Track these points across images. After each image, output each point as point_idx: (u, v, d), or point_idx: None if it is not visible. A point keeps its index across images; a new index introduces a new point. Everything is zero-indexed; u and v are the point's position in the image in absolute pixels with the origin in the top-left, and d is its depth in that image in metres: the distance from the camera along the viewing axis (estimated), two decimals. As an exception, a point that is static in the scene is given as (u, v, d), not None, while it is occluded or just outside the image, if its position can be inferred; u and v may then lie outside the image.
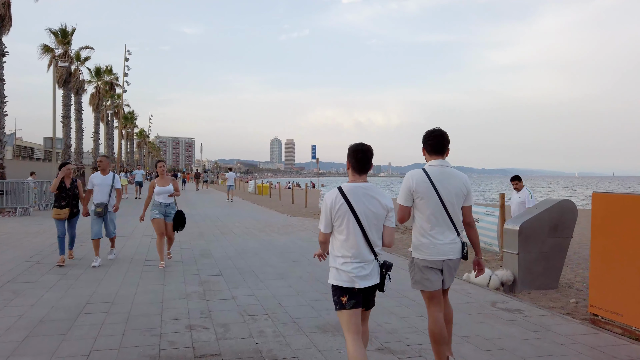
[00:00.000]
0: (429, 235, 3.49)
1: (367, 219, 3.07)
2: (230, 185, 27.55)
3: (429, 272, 3.50)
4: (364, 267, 3.06)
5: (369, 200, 3.10)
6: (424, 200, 3.48)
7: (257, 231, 12.81)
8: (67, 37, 27.89)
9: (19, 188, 15.89)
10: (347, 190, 3.11)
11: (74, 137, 33.13)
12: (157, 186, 7.85)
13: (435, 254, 3.48)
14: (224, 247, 10.02)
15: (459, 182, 3.56)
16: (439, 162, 3.57)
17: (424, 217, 3.50)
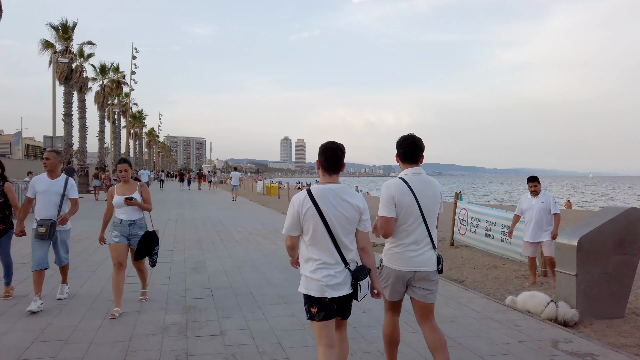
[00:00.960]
0: (403, 246, 3.36)
1: (337, 223, 2.90)
2: (234, 185, 27.29)
3: (394, 283, 3.41)
4: (335, 275, 2.88)
5: (339, 203, 2.92)
6: (404, 211, 3.33)
7: (260, 237, 11.58)
8: (68, 32, 26.90)
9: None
10: (316, 193, 2.92)
11: (78, 136, 32.27)
12: (116, 195, 5.41)
13: (407, 265, 3.35)
14: (221, 258, 8.79)
15: (435, 191, 3.45)
16: (414, 171, 3.41)
17: (400, 225, 3.35)
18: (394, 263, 3.39)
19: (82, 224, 13.54)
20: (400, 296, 3.47)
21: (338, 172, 3.00)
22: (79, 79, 31.58)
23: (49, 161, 5.59)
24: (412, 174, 3.41)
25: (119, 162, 5.60)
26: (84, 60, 32.10)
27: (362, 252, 3.03)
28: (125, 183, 5.53)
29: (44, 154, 5.73)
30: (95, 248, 9.48)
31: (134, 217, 5.52)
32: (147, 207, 5.63)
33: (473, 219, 10.32)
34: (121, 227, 5.48)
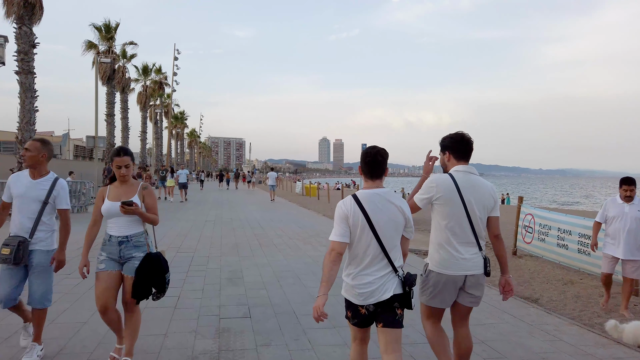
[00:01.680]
0: (449, 248, 3.21)
1: (385, 229, 2.82)
2: (272, 185, 27.60)
3: (445, 289, 3.23)
4: (375, 282, 2.80)
5: (387, 208, 2.84)
6: (446, 207, 3.21)
7: (301, 243, 10.76)
8: (111, 33, 27.09)
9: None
10: (363, 198, 2.86)
11: (120, 136, 32.61)
12: (107, 200, 3.86)
13: (456, 269, 3.19)
14: (259, 266, 8.00)
15: (485, 192, 3.27)
16: (465, 169, 3.29)
17: (445, 226, 3.22)
18: (443, 268, 3.22)
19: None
20: (449, 303, 3.30)
21: (381, 177, 2.92)
22: (122, 80, 31.89)
23: (30, 153, 3.92)
24: (462, 171, 3.28)
25: (116, 154, 3.80)
26: (126, 61, 32.41)
27: (406, 258, 3.02)
28: (123, 183, 3.89)
29: (26, 144, 4.04)
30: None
31: (129, 232, 3.78)
32: (152, 219, 3.90)
33: (542, 225, 9.13)
34: (110, 246, 3.78)
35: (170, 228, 12.89)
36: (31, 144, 4.00)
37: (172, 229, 12.79)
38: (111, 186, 3.95)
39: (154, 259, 3.82)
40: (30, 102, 15.50)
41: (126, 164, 3.83)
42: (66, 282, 6.65)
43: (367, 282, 2.80)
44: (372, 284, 2.80)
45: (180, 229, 12.87)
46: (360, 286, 2.81)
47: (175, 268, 7.66)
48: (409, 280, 2.83)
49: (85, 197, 17.59)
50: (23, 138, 15.44)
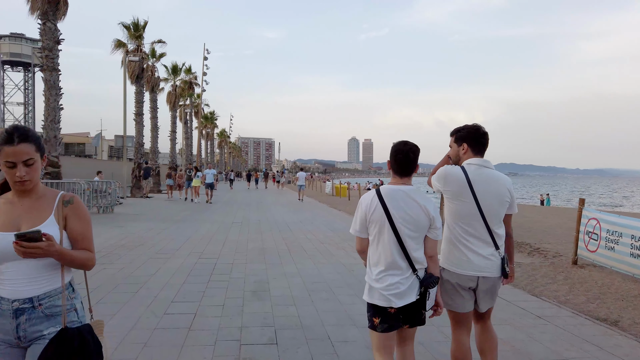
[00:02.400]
0: (461, 246, 3.00)
1: (405, 227, 2.68)
2: (300, 185, 27.76)
3: (459, 290, 3.01)
4: (401, 282, 2.67)
5: (409, 206, 2.70)
6: (457, 202, 3.01)
7: (333, 248, 9.87)
8: (139, 31, 26.87)
9: (70, 189, 14.26)
10: (385, 193, 2.73)
11: (149, 135, 32.44)
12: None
13: (468, 269, 2.98)
14: (288, 276, 7.15)
15: (501, 187, 3.06)
16: (479, 162, 3.06)
17: (457, 223, 3.02)
18: (454, 265, 3.05)
19: (138, 226, 12.57)
20: (465, 308, 3.06)
21: (410, 175, 2.80)
22: (151, 79, 31.74)
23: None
24: (475, 164, 3.07)
25: (5, 141, 2.00)
26: (155, 60, 32.24)
27: (430, 261, 2.80)
28: (23, 195, 2.12)
29: None
30: (145, 273, 8.21)
31: (37, 290, 2.05)
32: (82, 260, 2.14)
33: (610, 232, 7.95)
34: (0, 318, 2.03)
35: (195, 231, 12.22)
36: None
37: (197, 231, 12.11)
38: (2, 201, 2.14)
39: (70, 338, 2.04)
40: (55, 99, 15.15)
41: (25, 158, 2.03)
42: None
43: (395, 282, 2.68)
44: (402, 284, 2.68)
45: (206, 231, 12.18)
46: (388, 288, 2.68)
47: (196, 277, 6.89)
48: (427, 280, 2.71)
49: (111, 197, 17.19)
50: (48, 137, 15.12)
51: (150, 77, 31.23)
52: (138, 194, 26.42)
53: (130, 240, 10.29)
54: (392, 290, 2.66)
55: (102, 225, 12.90)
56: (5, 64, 75.75)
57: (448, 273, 3.05)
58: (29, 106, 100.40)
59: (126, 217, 15.45)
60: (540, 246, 11.31)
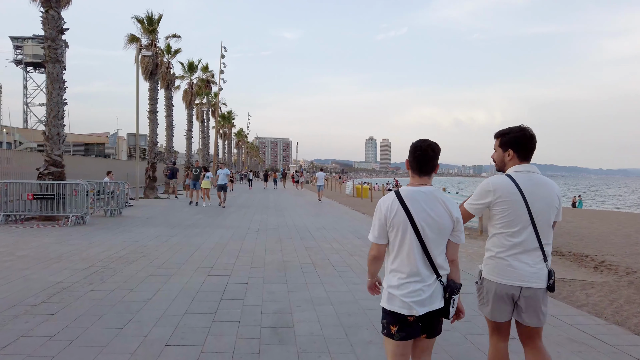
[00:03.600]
0: (506, 255, 2.89)
1: (429, 230, 2.57)
2: (320, 185, 27.43)
3: (499, 300, 2.91)
4: (423, 289, 2.56)
5: (432, 208, 2.58)
6: (505, 211, 2.89)
7: (364, 260, 8.39)
8: (153, 25, 25.71)
9: (72, 191, 13.06)
10: (406, 195, 2.62)
11: (164, 134, 31.40)
12: None
13: (512, 278, 2.87)
14: (315, 303, 5.72)
15: (551, 193, 2.94)
16: (526, 168, 2.96)
17: (503, 232, 2.91)
18: (496, 275, 2.92)
19: (144, 233, 11.28)
20: (506, 316, 2.95)
21: (430, 174, 2.65)
22: (166, 76, 30.67)
23: None
24: (522, 171, 2.95)
25: None
26: (171, 56, 31.14)
27: (452, 265, 2.68)
28: None
29: None
30: (149, 287, 6.88)
31: None
32: None
33: None
34: None
35: (206, 238, 10.89)
36: None
37: (209, 239, 10.78)
38: None
39: None
40: (58, 93, 13.97)
41: None
42: None
43: (417, 289, 2.56)
44: (423, 291, 2.55)
45: (218, 239, 10.83)
46: (410, 295, 2.55)
47: (201, 305, 5.51)
48: (450, 287, 2.60)
49: (120, 199, 16.01)
50: (50, 134, 13.96)
51: (165, 74, 30.14)
52: (152, 194, 25.34)
53: (132, 251, 9.00)
54: (414, 297, 2.55)
55: (106, 231, 11.67)
56: (29, 65, 76.21)
57: (490, 283, 2.95)
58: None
59: (134, 221, 14.23)
60: (604, 259, 9.71)
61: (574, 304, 6.04)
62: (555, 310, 5.64)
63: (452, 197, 2.75)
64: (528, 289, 2.87)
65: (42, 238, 10.42)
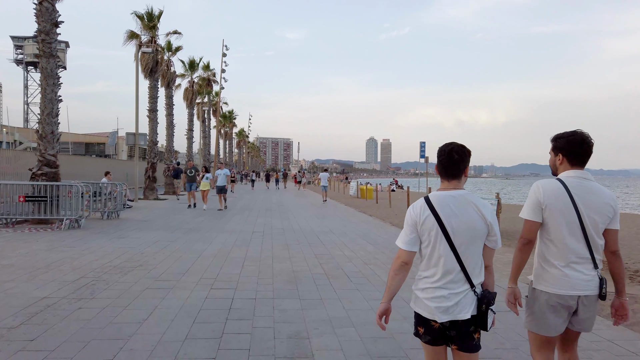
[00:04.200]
0: (559, 264, 2.79)
1: (460, 235, 2.47)
2: (324, 186, 27.36)
3: (554, 312, 2.79)
4: (449, 296, 2.46)
5: (463, 212, 2.48)
6: (556, 217, 2.79)
7: (384, 272, 7.70)
8: (154, 21, 24.98)
9: (66, 192, 12.35)
10: (435, 200, 2.53)
11: (164, 133, 30.67)
12: None
13: (568, 288, 2.77)
14: (336, 325, 5.00)
15: (604, 201, 2.80)
16: (578, 174, 2.84)
17: (554, 239, 2.81)
18: (551, 286, 2.79)
19: (142, 238, 10.56)
20: (560, 329, 2.82)
21: (458, 177, 2.56)
22: (167, 74, 29.97)
23: None
24: (574, 177, 2.83)
25: None
26: (171, 54, 30.44)
27: (487, 271, 2.58)
28: None
29: None
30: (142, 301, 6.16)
31: None
32: None
33: None
34: None
35: (209, 244, 10.18)
36: None
37: (211, 245, 10.07)
38: None
39: None
40: (52, 90, 13.24)
41: None
42: None
43: (441, 295, 2.47)
44: (447, 299, 2.45)
45: (221, 244, 10.12)
46: (433, 299, 2.48)
47: (203, 328, 4.78)
48: (486, 297, 2.46)
49: (117, 201, 15.29)
50: (44, 132, 13.23)
51: (165, 72, 29.44)
52: (151, 195, 24.64)
53: (128, 259, 8.28)
54: (437, 303, 2.46)
55: (101, 236, 10.96)
56: (29, 65, 75.62)
57: (542, 293, 2.82)
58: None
59: (132, 224, 13.51)
60: (637, 267, 9.00)
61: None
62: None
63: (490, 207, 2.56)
64: (587, 297, 2.79)
65: (31, 244, 9.70)
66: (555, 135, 3.01)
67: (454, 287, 2.47)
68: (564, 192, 2.80)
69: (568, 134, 2.93)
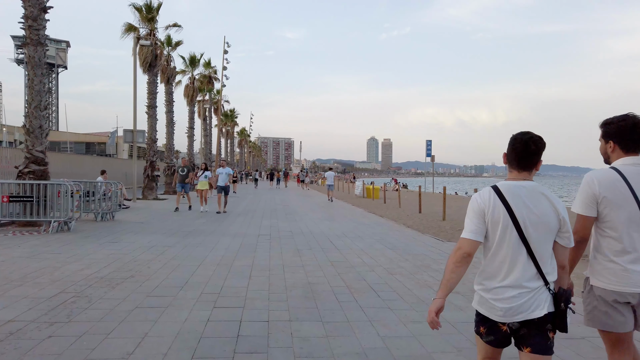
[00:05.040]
0: (619, 259, 2.60)
1: (532, 229, 2.28)
2: (329, 185, 27.22)
3: (615, 308, 2.61)
4: (521, 295, 2.26)
5: (535, 205, 2.30)
6: (614, 209, 2.60)
7: (415, 284, 6.63)
8: (152, 13, 23.91)
9: (55, 192, 11.30)
10: (505, 190, 2.34)
11: (164, 131, 29.62)
12: None
13: (628, 284, 2.58)
14: (369, 355, 3.93)
15: None
16: (633, 161, 2.65)
17: (612, 233, 2.62)
18: (609, 282, 2.62)
19: (137, 242, 9.48)
20: (628, 326, 2.61)
21: (531, 170, 2.37)
22: (167, 69, 28.94)
23: None
24: (630, 164, 2.63)
25: None
26: (171, 49, 29.41)
27: (562, 272, 2.40)
28: None
29: None
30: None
31: None
32: None
33: None
34: None
35: (211, 249, 9.12)
36: None
37: (213, 251, 9.01)
38: None
39: None
40: (40, 80, 12.17)
41: None
42: None
43: (511, 295, 2.27)
44: (519, 297, 2.26)
45: (225, 250, 9.07)
46: (501, 300, 2.28)
47: (204, 367, 3.70)
48: (564, 295, 2.28)
49: (112, 201, 14.23)
50: (31, 127, 12.17)
51: (165, 67, 28.40)
52: (150, 195, 23.59)
53: (118, 268, 7.23)
54: (508, 303, 2.26)
55: (91, 240, 9.90)
56: (29, 64, 74.84)
57: (602, 291, 2.64)
58: (53, 106, 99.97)
59: (127, 226, 12.46)
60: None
61: None
62: None
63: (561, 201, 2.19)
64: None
65: (12, 249, 8.65)
66: (604, 120, 2.79)
67: (527, 284, 2.27)
68: (622, 182, 2.59)
69: (618, 119, 2.72)
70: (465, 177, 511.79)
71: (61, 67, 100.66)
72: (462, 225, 2.40)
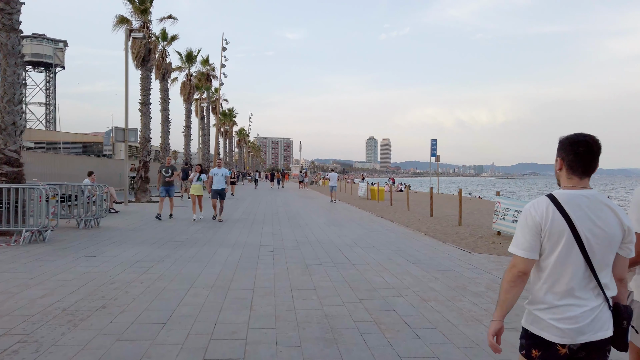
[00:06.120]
0: None
1: (595, 243, 2.07)
2: (332, 186, 26.78)
3: None
4: (584, 315, 2.05)
5: (598, 216, 2.09)
6: None
7: (450, 312, 5.29)
8: (145, 4, 22.54)
9: (28, 197, 9.92)
10: (565, 200, 2.10)
11: (159, 129, 28.28)
12: None
13: None
14: None
15: None
16: None
17: None
18: None
19: (118, 256, 8.09)
20: None
21: (590, 176, 2.18)
22: (161, 65, 27.60)
23: None
24: None
25: None
26: (167, 43, 28.08)
27: (621, 285, 2.20)
28: None
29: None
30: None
31: None
32: None
33: None
34: None
35: (205, 266, 7.77)
36: None
37: (208, 267, 7.66)
38: None
39: None
40: (14, 71, 10.79)
41: None
42: None
43: (573, 315, 2.05)
44: (583, 317, 2.05)
45: (221, 267, 7.71)
46: (564, 320, 2.06)
47: None
48: (625, 312, 2.11)
49: (97, 206, 12.86)
50: (4, 123, 10.78)
51: (160, 63, 27.08)
52: (144, 198, 22.24)
53: (89, 293, 5.87)
54: (571, 324, 2.04)
55: (66, 253, 8.53)
56: (27, 64, 73.50)
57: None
58: (50, 106, 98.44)
59: (112, 234, 11.10)
60: None
61: None
62: None
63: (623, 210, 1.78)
64: None
65: (-32, 267, 7.28)
66: None
67: (587, 303, 2.06)
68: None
69: None
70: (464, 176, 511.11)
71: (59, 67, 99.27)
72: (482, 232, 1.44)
